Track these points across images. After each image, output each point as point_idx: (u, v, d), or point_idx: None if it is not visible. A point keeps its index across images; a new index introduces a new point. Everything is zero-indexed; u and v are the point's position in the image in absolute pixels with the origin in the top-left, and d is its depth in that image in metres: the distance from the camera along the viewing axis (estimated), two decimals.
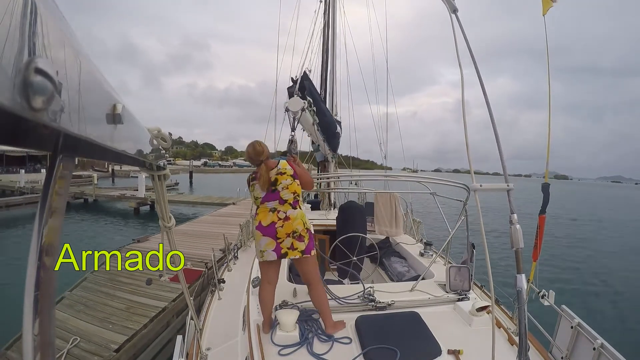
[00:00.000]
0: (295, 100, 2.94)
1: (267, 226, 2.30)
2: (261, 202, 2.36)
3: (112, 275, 5.92)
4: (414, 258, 3.94)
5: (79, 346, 3.87)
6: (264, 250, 2.30)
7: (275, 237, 2.28)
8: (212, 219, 11.99)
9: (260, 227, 2.31)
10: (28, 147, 0.34)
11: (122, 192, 20.10)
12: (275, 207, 2.33)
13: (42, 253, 0.39)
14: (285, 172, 2.38)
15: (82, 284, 5.57)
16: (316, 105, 3.71)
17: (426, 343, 2.13)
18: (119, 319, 4.44)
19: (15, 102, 0.26)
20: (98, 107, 0.51)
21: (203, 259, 6.69)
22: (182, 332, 2.48)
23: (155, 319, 4.50)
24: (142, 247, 7.56)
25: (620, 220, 24.46)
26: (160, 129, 1.06)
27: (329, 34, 7.37)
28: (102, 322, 4.37)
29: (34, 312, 0.38)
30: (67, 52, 0.37)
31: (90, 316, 4.51)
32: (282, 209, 2.32)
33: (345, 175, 6.15)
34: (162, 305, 4.78)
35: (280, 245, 2.28)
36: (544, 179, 2.50)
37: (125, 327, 4.24)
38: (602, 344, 2.24)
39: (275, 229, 2.28)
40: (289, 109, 2.90)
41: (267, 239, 2.29)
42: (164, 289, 5.29)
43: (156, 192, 1.40)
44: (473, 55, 1.82)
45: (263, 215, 2.33)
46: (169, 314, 4.79)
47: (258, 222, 2.34)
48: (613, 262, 11.60)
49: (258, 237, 2.33)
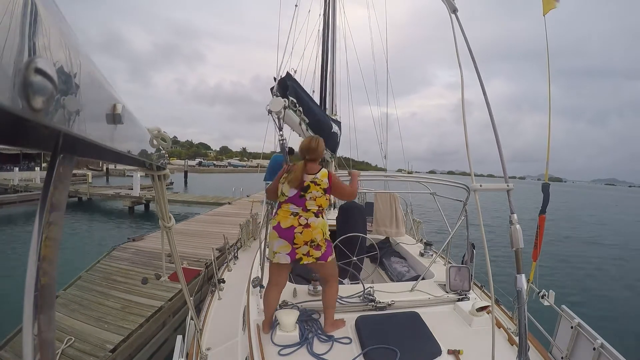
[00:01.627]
0: (276, 100, 2.94)
1: (286, 229, 2.22)
2: (286, 201, 2.29)
3: (107, 274, 5.86)
4: (414, 258, 3.95)
5: (74, 346, 3.80)
6: (277, 252, 2.24)
7: (292, 242, 2.21)
8: (208, 218, 11.92)
9: (279, 228, 2.24)
10: (28, 147, 0.34)
11: (116, 190, 19.93)
12: (297, 213, 2.25)
13: (42, 252, 0.39)
14: (320, 184, 2.29)
15: (77, 283, 5.49)
16: (303, 105, 3.68)
17: (426, 343, 2.13)
18: (115, 319, 4.37)
19: (15, 102, 0.26)
20: (98, 107, 0.51)
21: (199, 258, 6.66)
22: (180, 331, 2.46)
23: (152, 318, 4.45)
24: (137, 246, 7.50)
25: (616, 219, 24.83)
26: (160, 129, 1.05)
27: (329, 34, 7.35)
28: (97, 321, 4.30)
29: (34, 311, 0.37)
30: (67, 52, 0.37)
31: (85, 316, 4.43)
32: (305, 216, 2.25)
33: (345, 176, 6.18)
34: (158, 304, 4.73)
35: (296, 250, 2.23)
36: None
37: (121, 326, 4.18)
38: (602, 344, 2.25)
39: (294, 233, 2.21)
40: (271, 109, 2.90)
41: (282, 242, 2.23)
42: (160, 288, 5.24)
43: (156, 192, 1.39)
44: (473, 55, 1.82)
45: (283, 217, 2.26)
46: (165, 314, 4.74)
47: (277, 223, 2.26)
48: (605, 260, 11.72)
49: (273, 237, 2.26)
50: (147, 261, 6.56)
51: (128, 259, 6.72)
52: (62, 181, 0.44)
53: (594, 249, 13.98)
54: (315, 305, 2.57)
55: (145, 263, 6.46)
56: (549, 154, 2.84)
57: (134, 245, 7.59)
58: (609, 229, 20.78)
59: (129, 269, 6.16)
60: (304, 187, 2.26)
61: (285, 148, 2.93)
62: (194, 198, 18.89)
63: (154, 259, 6.63)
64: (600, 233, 18.55)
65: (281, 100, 2.96)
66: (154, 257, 6.78)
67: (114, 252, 7.13)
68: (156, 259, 6.63)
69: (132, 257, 6.79)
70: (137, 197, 17.89)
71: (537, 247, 2.75)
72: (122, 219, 16.16)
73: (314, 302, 2.61)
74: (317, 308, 2.54)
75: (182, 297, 5.10)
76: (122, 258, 6.76)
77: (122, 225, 14.72)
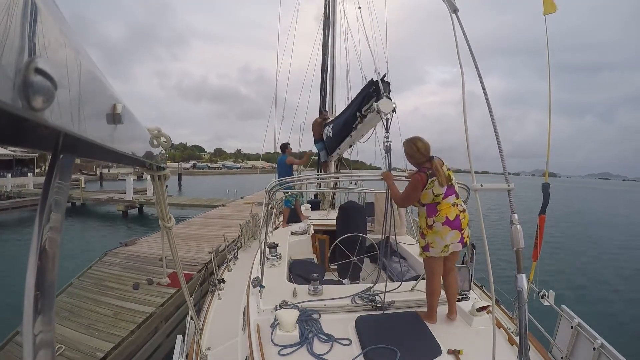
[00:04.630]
0: (386, 102, 2.86)
1: (454, 220, 2.38)
2: (443, 197, 2.40)
3: (98, 280, 5.77)
4: (414, 258, 3.94)
5: (64, 354, 3.72)
6: (450, 244, 2.38)
7: (460, 229, 2.40)
8: (202, 221, 11.83)
9: (448, 221, 2.37)
10: (28, 147, 0.35)
11: (110, 195, 19.74)
12: (454, 202, 2.42)
13: (43, 253, 0.39)
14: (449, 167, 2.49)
15: (68, 290, 5.40)
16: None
17: (426, 343, 2.13)
18: (106, 326, 4.30)
19: (16, 102, 0.26)
20: (98, 107, 0.51)
21: (192, 262, 6.60)
22: (177, 333, 2.47)
23: (143, 325, 4.38)
24: (129, 251, 7.42)
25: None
26: (160, 129, 1.06)
27: (329, 34, 7.35)
28: (87, 329, 4.22)
29: (34, 312, 0.37)
30: (67, 52, 0.37)
31: (75, 323, 4.36)
32: (459, 202, 2.45)
33: (345, 175, 6.18)
34: (149, 310, 4.66)
35: (463, 235, 2.42)
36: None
37: (112, 333, 4.11)
38: (602, 344, 2.26)
39: (460, 221, 2.40)
40: (381, 110, 2.84)
41: (454, 232, 2.38)
42: (152, 294, 5.18)
43: (156, 192, 1.41)
44: (473, 54, 1.82)
45: (447, 210, 2.39)
46: (157, 319, 4.67)
47: (444, 218, 2.37)
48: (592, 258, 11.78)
49: (445, 232, 2.37)
50: (139, 266, 6.47)
51: (120, 264, 6.64)
52: (63, 181, 0.44)
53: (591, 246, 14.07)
54: (315, 305, 2.55)
55: (138, 268, 6.38)
56: (548, 154, 2.85)
57: (126, 250, 7.50)
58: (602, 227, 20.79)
59: (121, 274, 6.08)
60: (448, 178, 2.43)
61: (390, 151, 2.81)
62: (188, 201, 18.79)
63: (146, 264, 6.56)
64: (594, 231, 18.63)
65: (391, 102, 2.87)
66: (147, 261, 6.70)
67: (106, 257, 7.03)
68: (148, 264, 6.57)
69: (124, 262, 6.71)
70: (130, 201, 17.78)
71: (537, 247, 2.77)
72: (116, 223, 16.01)
73: (314, 302, 2.59)
74: (317, 308, 2.52)
75: (174, 302, 5.06)
76: (114, 263, 6.67)
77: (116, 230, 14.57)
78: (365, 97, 3.44)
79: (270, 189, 3.19)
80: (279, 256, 3.53)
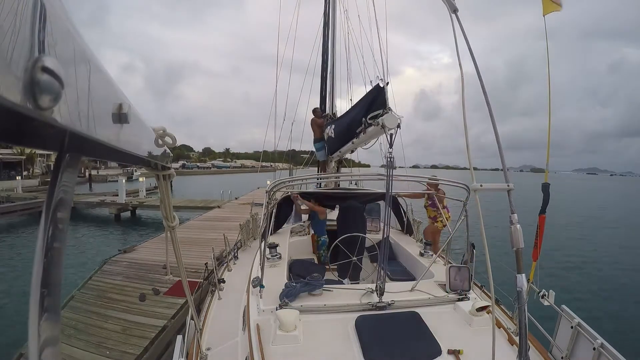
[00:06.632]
0: (391, 116, 2.82)
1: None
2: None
3: (101, 292, 5.52)
4: (414, 258, 3.95)
5: None
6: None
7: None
8: (199, 224, 11.68)
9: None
10: (34, 146, 0.34)
11: (101, 197, 19.14)
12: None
13: (49, 251, 0.39)
14: None
15: (70, 304, 5.11)
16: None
17: (426, 343, 2.14)
18: (116, 343, 4.05)
19: (22, 101, 0.26)
20: (104, 107, 0.51)
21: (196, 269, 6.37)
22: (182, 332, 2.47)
23: (156, 340, 4.14)
24: (129, 258, 7.18)
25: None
26: (166, 129, 1.04)
27: (329, 34, 7.30)
28: (97, 347, 3.96)
29: (39, 310, 0.37)
30: (74, 51, 0.38)
31: (83, 342, 4.09)
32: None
33: (345, 175, 6.17)
34: (161, 323, 4.44)
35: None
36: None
37: (125, 352, 3.86)
38: (602, 344, 2.28)
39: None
40: (385, 125, 2.78)
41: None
42: (160, 305, 4.96)
43: (160, 191, 1.41)
44: (473, 54, 1.84)
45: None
46: (170, 333, 4.40)
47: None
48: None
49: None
50: (142, 274, 6.24)
51: (121, 273, 6.40)
52: (68, 180, 0.43)
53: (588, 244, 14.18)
54: (316, 305, 2.56)
55: (141, 277, 6.13)
56: (548, 154, 2.87)
57: (125, 258, 7.26)
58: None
59: (124, 284, 5.83)
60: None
61: (393, 167, 2.74)
62: (182, 202, 18.11)
63: (149, 272, 6.32)
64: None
65: (396, 118, 2.79)
66: (149, 269, 6.46)
67: (106, 266, 6.75)
68: (151, 272, 6.34)
69: (125, 271, 6.47)
70: (123, 203, 17.32)
71: (537, 247, 2.77)
72: (109, 227, 15.55)
73: (314, 302, 2.60)
74: (317, 308, 2.53)
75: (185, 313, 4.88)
76: (115, 272, 6.41)
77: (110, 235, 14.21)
78: (372, 104, 3.42)
79: (270, 189, 3.20)
80: (279, 256, 3.55)
